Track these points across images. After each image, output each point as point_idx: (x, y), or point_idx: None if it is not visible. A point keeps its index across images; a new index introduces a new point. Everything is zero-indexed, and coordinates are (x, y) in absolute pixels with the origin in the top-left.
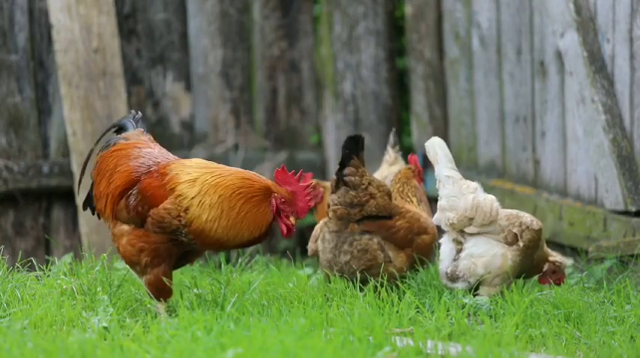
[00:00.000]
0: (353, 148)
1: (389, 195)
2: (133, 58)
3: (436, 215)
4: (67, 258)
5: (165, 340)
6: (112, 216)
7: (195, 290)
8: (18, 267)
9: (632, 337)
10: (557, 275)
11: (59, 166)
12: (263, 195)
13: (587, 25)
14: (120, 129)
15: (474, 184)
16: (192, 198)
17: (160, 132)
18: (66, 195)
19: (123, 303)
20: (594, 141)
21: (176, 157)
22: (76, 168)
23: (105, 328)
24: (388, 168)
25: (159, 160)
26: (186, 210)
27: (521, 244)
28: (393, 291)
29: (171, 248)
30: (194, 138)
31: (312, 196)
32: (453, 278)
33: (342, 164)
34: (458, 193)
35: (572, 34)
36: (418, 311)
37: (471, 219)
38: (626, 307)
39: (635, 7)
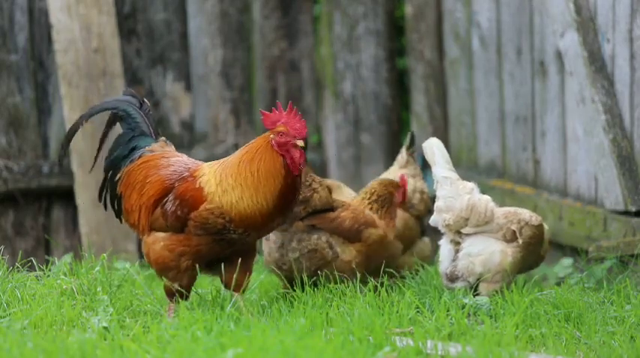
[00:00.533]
0: None
1: (329, 188)
2: (133, 58)
3: (433, 216)
4: (67, 258)
5: (165, 340)
6: (147, 227)
7: (195, 290)
8: (18, 267)
9: (632, 337)
10: None
11: (59, 166)
12: (263, 148)
13: (587, 25)
14: (121, 116)
15: (470, 184)
16: (215, 191)
17: (159, 132)
18: (66, 195)
19: (123, 303)
20: (594, 141)
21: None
22: (76, 168)
23: (105, 328)
24: (398, 170)
25: (189, 166)
26: (220, 204)
27: (520, 241)
28: (344, 284)
29: (213, 248)
30: (194, 138)
31: (300, 115)
32: (453, 278)
33: None
34: (455, 194)
35: (572, 34)
36: (418, 312)
37: (467, 219)
38: (626, 307)
39: (635, 7)
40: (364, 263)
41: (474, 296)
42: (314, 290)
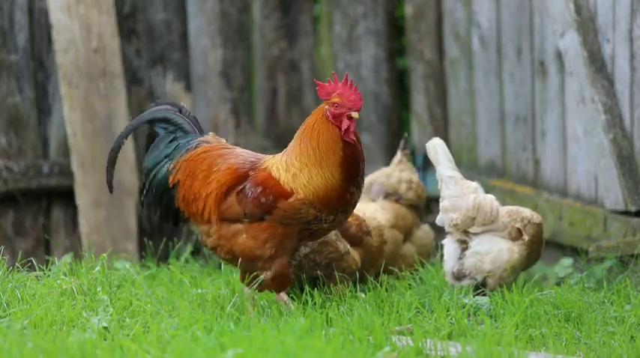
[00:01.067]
0: None
1: None
2: (133, 58)
3: (439, 216)
4: (67, 258)
5: (165, 340)
6: (216, 215)
7: (195, 290)
8: (18, 267)
9: (632, 337)
10: None
11: (59, 166)
12: (319, 121)
13: (587, 25)
14: (160, 121)
15: (474, 184)
16: (289, 181)
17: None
18: (66, 195)
19: (123, 303)
20: (594, 141)
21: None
22: (76, 168)
23: (105, 328)
24: (387, 169)
25: (258, 156)
26: (296, 189)
27: (526, 238)
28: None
29: (298, 235)
30: None
31: (356, 87)
32: (460, 276)
33: None
34: (460, 194)
35: (572, 34)
36: (418, 312)
37: (474, 218)
38: (626, 307)
39: (635, 7)
40: (360, 267)
41: (478, 293)
42: (314, 290)
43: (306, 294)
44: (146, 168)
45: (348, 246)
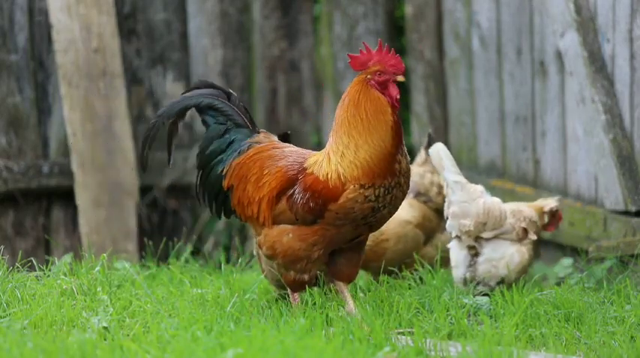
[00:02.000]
0: None
1: None
2: (133, 58)
3: (449, 221)
4: (67, 258)
5: (165, 340)
6: (270, 219)
7: (195, 290)
8: (18, 267)
9: (632, 337)
10: (556, 218)
11: (59, 166)
12: (363, 92)
13: (587, 25)
14: (208, 108)
15: (480, 187)
16: (337, 170)
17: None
18: (66, 195)
19: (123, 303)
20: (594, 141)
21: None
22: (76, 168)
23: (105, 328)
24: (416, 168)
25: (306, 156)
26: (355, 182)
27: (534, 237)
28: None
29: (346, 236)
30: (194, 138)
31: (393, 50)
32: (472, 283)
33: None
34: (468, 199)
35: (572, 34)
36: (418, 312)
37: (484, 223)
38: (626, 307)
39: (635, 7)
40: None
41: (479, 293)
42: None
43: (306, 294)
44: (199, 162)
45: None
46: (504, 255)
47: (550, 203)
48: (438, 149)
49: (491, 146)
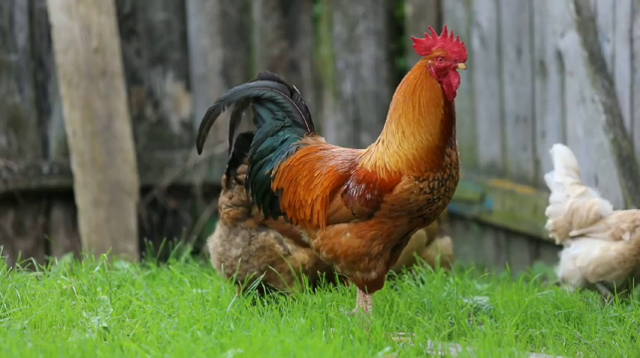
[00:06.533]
0: (246, 146)
1: None
2: (133, 58)
3: (548, 221)
4: (67, 258)
5: (165, 340)
6: (325, 220)
7: (195, 290)
8: (18, 267)
9: (632, 337)
10: None
11: (59, 166)
12: (420, 79)
13: (587, 25)
14: (268, 101)
15: (582, 188)
16: (388, 163)
17: (159, 132)
18: (66, 195)
19: (123, 303)
20: (594, 141)
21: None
22: (76, 168)
23: (105, 328)
24: None
25: (355, 153)
26: (411, 171)
27: (628, 237)
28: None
29: (403, 230)
30: (194, 138)
31: (457, 37)
32: (564, 281)
33: (235, 162)
34: (562, 199)
35: (572, 34)
36: (418, 312)
37: (570, 222)
38: (626, 307)
39: (635, 7)
40: (314, 267)
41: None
42: (313, 290)
43: (306, 294)
44: (251, 156)
45: (289, 247)
46: (583, 251)
47: None
48: (556, 150)
49: (491, 146)
